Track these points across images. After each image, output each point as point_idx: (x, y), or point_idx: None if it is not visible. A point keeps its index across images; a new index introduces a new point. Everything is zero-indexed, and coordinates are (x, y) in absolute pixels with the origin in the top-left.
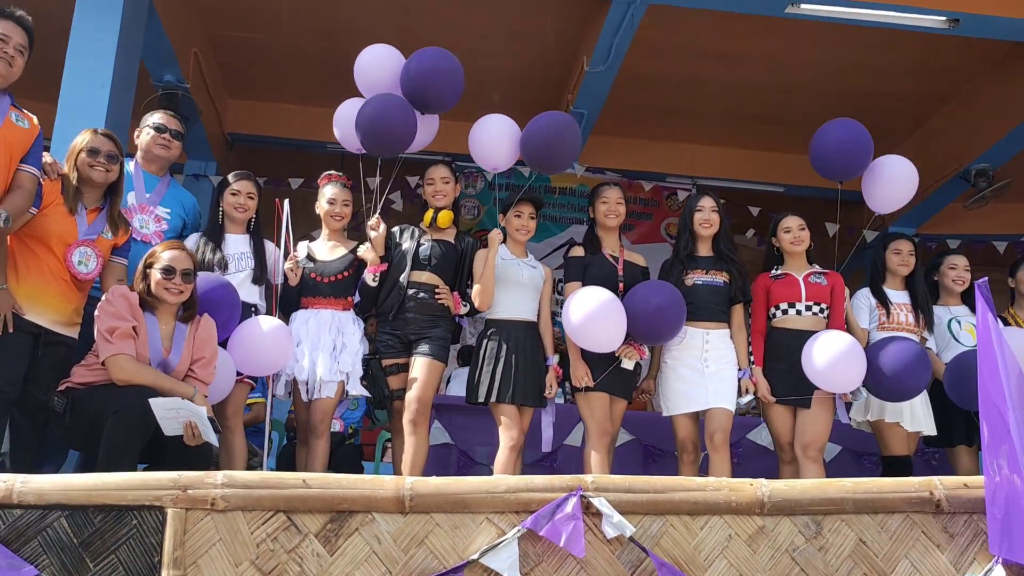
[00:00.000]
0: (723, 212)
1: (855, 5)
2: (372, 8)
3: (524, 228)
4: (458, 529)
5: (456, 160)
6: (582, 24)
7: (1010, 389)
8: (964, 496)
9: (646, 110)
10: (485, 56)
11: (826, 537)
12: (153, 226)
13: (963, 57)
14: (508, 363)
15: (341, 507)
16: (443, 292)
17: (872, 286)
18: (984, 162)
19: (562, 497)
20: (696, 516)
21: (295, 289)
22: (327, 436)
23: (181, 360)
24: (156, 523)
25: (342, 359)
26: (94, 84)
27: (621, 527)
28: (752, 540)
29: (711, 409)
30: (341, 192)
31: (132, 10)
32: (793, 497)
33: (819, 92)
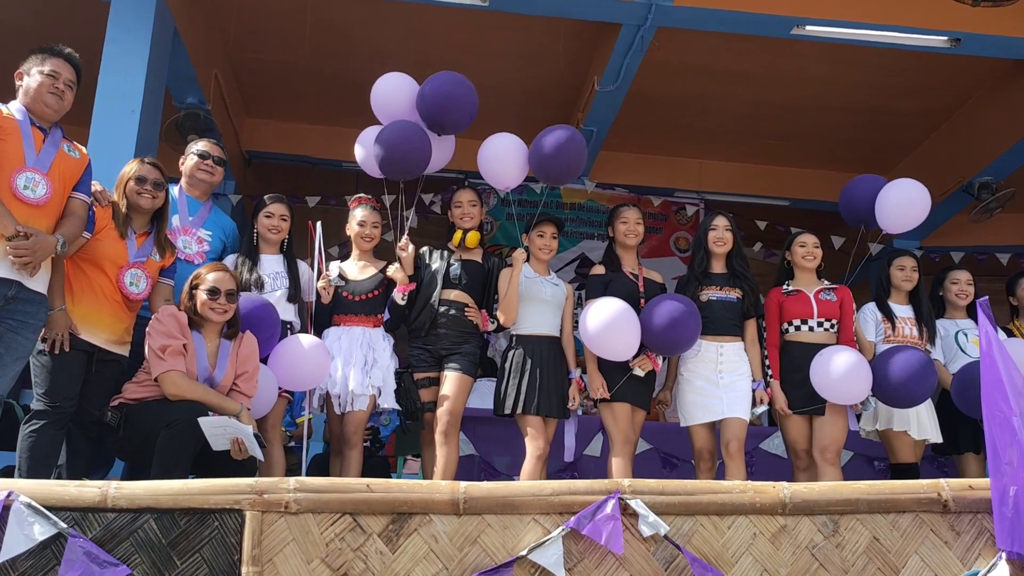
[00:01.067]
0: (736, 231)
1: (858, 26)
2: (387, 30)
3: (547, 247)
4: (507, 529)
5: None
6: (593, 46)
7: (1016, 398)
8: (969, 497)
9: (654, 127)
10: (498, 76)
11: (843, 535)
12: (196, 247)
13: (965, 74)
14: (533, 376)
15: (401, 509)
16: (472, 310)
17: (878, 301)
18: (987, 175)
19: (602, 499)
20: (724, 516)
21: (327, 307)
22: (360, 447)
23: (226, 375)
24: (236, 524)
25: (373, 374)
26: (124, 109)
27: (656, 526)
28: (775, 538)
29: (726, 419)
30: (371, 214)
31: (159, 36)
32: (812, 498)
33: (824, 109)
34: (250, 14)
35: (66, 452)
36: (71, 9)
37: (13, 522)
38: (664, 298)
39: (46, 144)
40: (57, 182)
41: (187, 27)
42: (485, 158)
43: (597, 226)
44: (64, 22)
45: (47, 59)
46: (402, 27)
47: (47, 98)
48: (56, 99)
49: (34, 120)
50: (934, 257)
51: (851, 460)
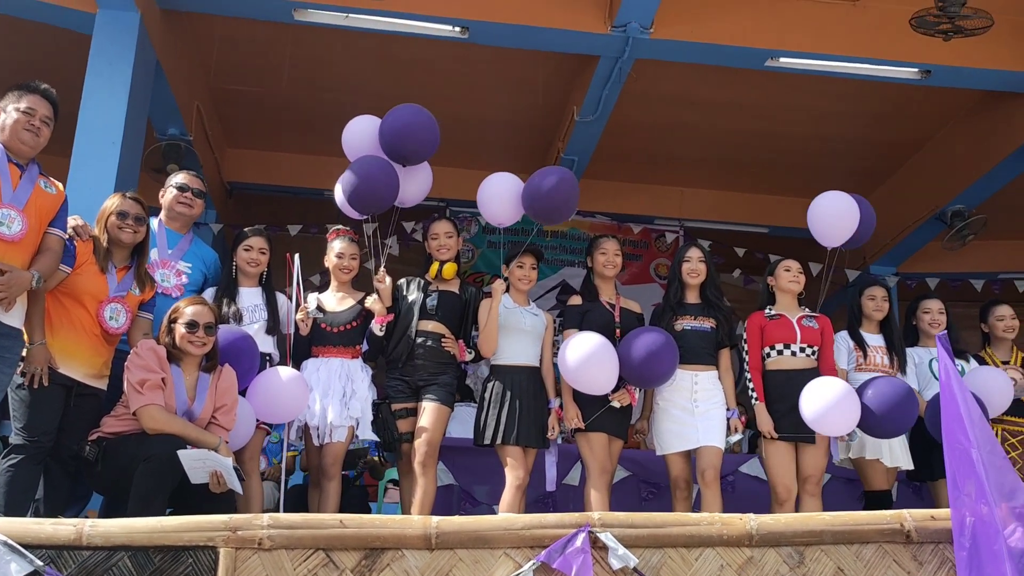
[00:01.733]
0: (710, 261)
1: (831, 58)
2: (366, 62)
3: (526, 278)
4: (479, 563)
5: (451, 206)
6: (572, 77)
7: (973, 430)
8: (931, 527)
9: (634, 156)
10: (479, 107)
11: (808, 566)
12: (174, 280)
13: (937, 104)
14: (512, 407)
15: (374, 544)
16: (449, 340)
17: (850, 329)
18: (960, 203)
19: (572, 532)
20: (692, 548)
21: (306, 338)
22: (339, 478)
23: (204, 408)
24: (210, 561)
25: (352, 405)
26: (105, 141)
27: (625, 559)
28: (742, 569)
29: (701, 447)
30: (349, 246)
31: (141, 68)
32: (778, 530)
33: (800, 138)
34: (231, 46)
35: (44, 486)
36: (53, 41)
37: None
38: (642, 331)
39: (22, 180)
40: (33, 218)
41: (169, 59)
42: (484, 197)
43: (578, 254)
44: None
45: (23, 96)
46: (381, 58)
47: (23, 135)
48: (32, 136)
49: (10, 156)
50: (910, 283)
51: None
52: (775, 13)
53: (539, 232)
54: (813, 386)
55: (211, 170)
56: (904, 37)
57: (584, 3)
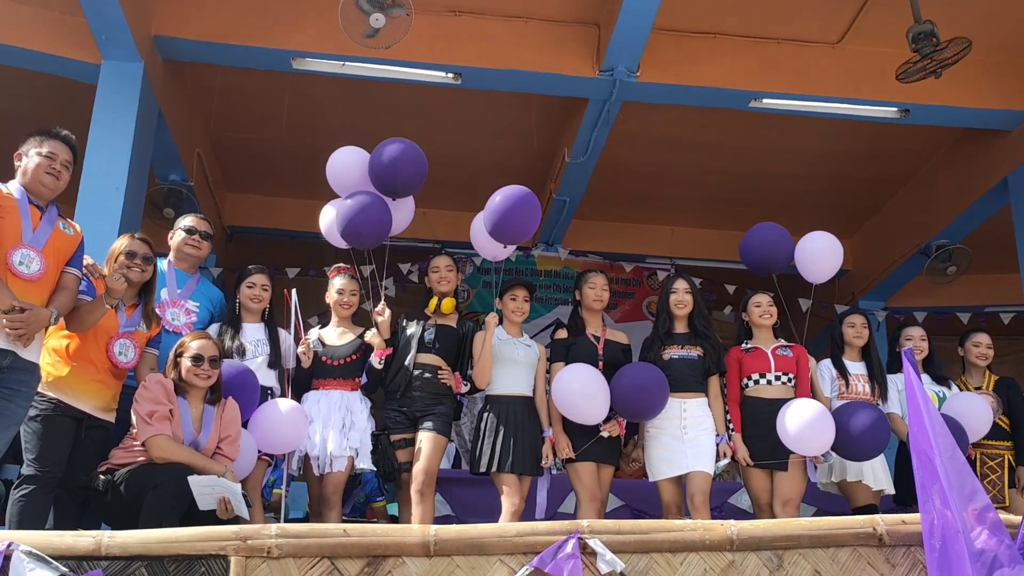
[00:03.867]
0: (697, 292)
1: (812, 99)
2: (362, 108)
3: (519, 310)
4: (475, 569)
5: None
6: (563, 120)
7: (935, 438)
8: (903, 531)
9: (625, 196)
10: (472, 150)
11: (786, 569)
12: (183, 319)
13: (919, 141)
14: (507, 435)
15: (376, 552)
16: (446, 373)
17: (832, 358)
18: (943, 238)
19: (563, 539)
20: (676, 553)
21: (307, 371)
22: (339, 508)
23: (210, 439)
24: (221, 570)
25: (351, 436)
26: (110, 186)
27: (613, 564)
28: (724, 573)
29: (691, 473)
30: (349, 283)
31: (144, 117)
32: (758, 535)
33: (787, 177)
34: (231, 95)
35: (53, 517)
36: (59, 92)
37: (13, 571)
38: (633, 368)
39: (42, 222)
40: (51, 258)
41: (171, 108)
42: (474, 233)
43: (571, 292)
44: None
45: (45, 141)
46: (375, 104)
47: (44, 178)
48: (52, 179)
49: (31, 199)
50: (898, 318)
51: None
52: (758, 55)
53: (532, 272)
54: (790, 407)
55: (211, 215)
56: (883, 77)
57: (573, 48)
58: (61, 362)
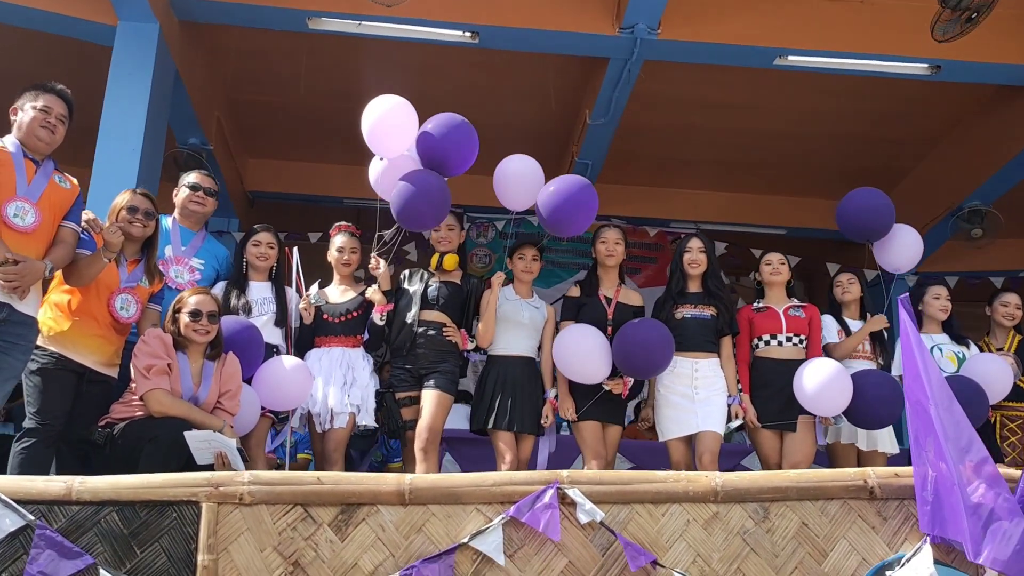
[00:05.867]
0: (712, 252)
1: (839, 55)
2: (385, 71)
3: (528, 270)
4: (451, 518)
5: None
6: (583, 81)
7: (931, 388)
8: (895, 484)
9: (647, 159)
10: (494, 112)
11: (773, 521)
12: (188, 276)
13: (952, 99)
14: (506, 394)
15: (350, 500)
16: (451, 329)
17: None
18: (976, 200)
19: (541, 488)
20: (659, 504)
21: (309, 329)
22: (341, 464)
23: (209, 394)
24: (193, 516)
25: (352, 392)
26: (125, 149)
27: (592, 513)
28: (708, 524)
29: (700, 432)
30: (349, 241)
31: (160, 79)
32: (743, 487)
33: (815, 137)
34: (248, 57)
35: (55, 470)
36: (76, 53)
37: None
38: (637, 324)
39: (37, 175)
40: (47, 211)
41: (188, 71)
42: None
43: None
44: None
45: (40, 95)
46: (399, 67)
47: (39, 132)
48: (48, 132)
49: (27, 152)
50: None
51: None
52: (782, 12)
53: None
54: (808, 367)
55: (233, 179)
56: (913, 33)
57: (592, 5)
58: (63, 316)
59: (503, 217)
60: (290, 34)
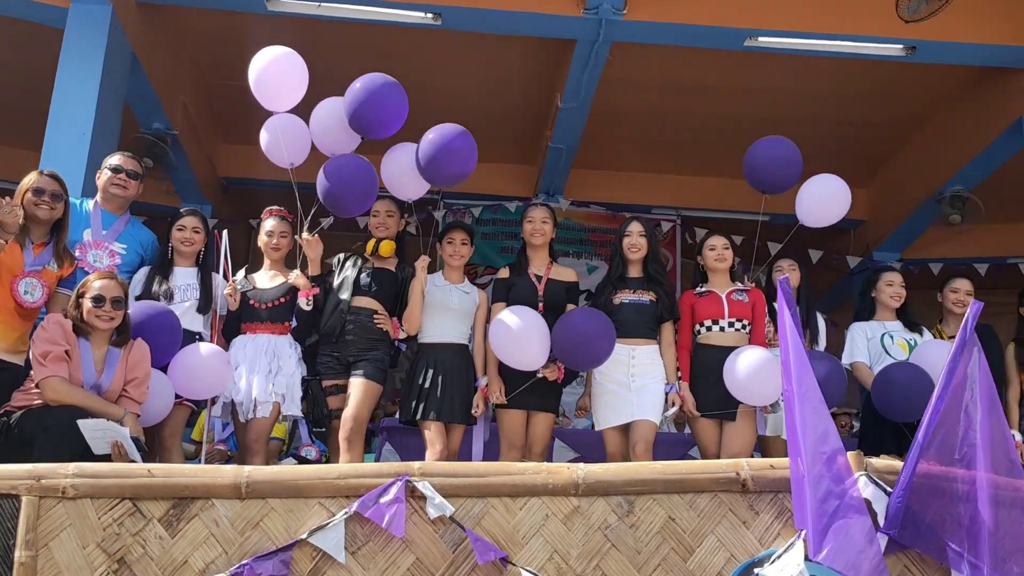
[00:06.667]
0: (652, 236)
1: (810, 36)
2: (354, 54)
3: (457, 254)
4: (292, 513)
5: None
6: (553, 63)
7: (798, 375)
8: (769, 476)
9: (626, 144)
10: (466, 96)
11: (637, 515)
12: (107, 260)
13: (933, 82)
14: (435, 383)
15: (183, 494)
16: (382, 317)
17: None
18: (958, 184)
19: (389, 482)
20: (516, 498)
21: (236, 316)
22: (262, 455)
23: (114, 381)
24: (12, 510)
25: (277, 381)
26: (74, 132)
27: (442, 508)
28: (568, 519)
29: (635, 421)
30: (279, 224)
31: (114, 63)
32: (607, 479)
33: (796, 121)
34: (210, 40)
35: None
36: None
37: None
38: (575, 314)
39: None
40: None
41: (147, 54)
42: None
43: (573, 243)
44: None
45: None
46: (368, 50)
47: None
48: None
49: None
50: (912, 269)
51: None
52: None
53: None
54: (739, 355)
55: (203, 166)
56: (887, 13)
57: None
58: None
59: (479, 204)
60: (252, 16)
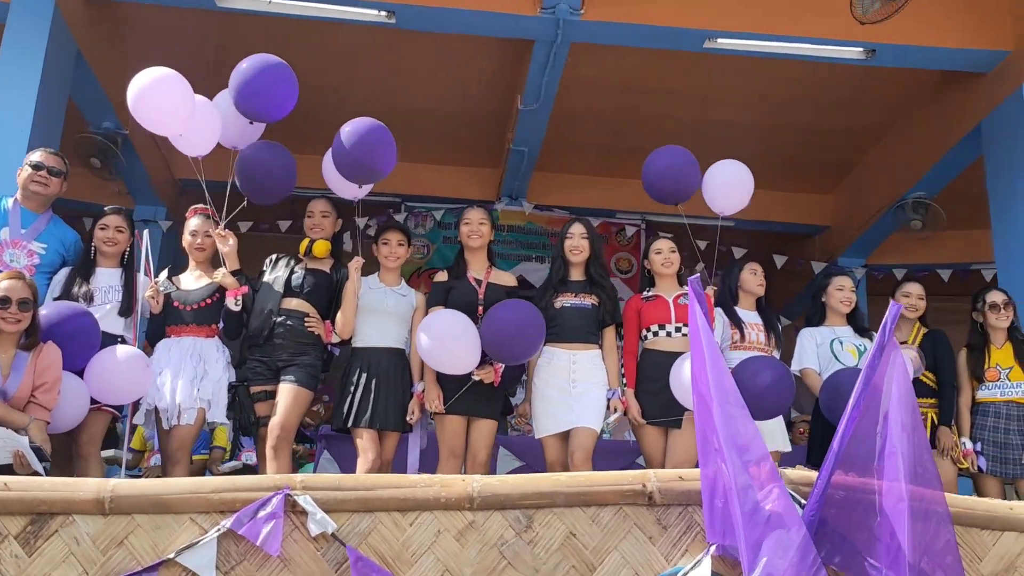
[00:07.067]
0: (596, 238)
1: (771, 39)
2: (312, 55)
3: (392, 255)
4: (160, 529)
5: (406, 201)
6: (513, 64)
7: (715, 381)
8: (678, 488)
9: (590, 147)
10: (427, 98)
11: (536, 531)
12: (25, 260)
13: (897, 87)
14: (367, 389)
15: (41, 509)
16: (313, 320)
17: (723, 306)
18: (920, 190)
19: (266, 496)
20: (406, 512)
21: (160, 319)
22: (184, 464)
23: (21, 386)
24: None
25: (203, 386)
26: (13, 129)
27: (324, 524)
28: (461, 535)
29: (574, 428)
30: (203, 224)
31: (56, 60)
32: (504, 492)
33: (762, 128)
34: (159, 37)
35: None
36: None
37: None
38: (503, 305)
39: None
40: None
41: (94, 51)
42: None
43: (536, 248)
44: None
45: None
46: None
47: None
48: None
49: None
50: (877, 275)
51: None
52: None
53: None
54: (683, 361)
55: (158, 166)
56: (847, 16)
57: None
58: None
59: (441, 207)
60: (203, 14)
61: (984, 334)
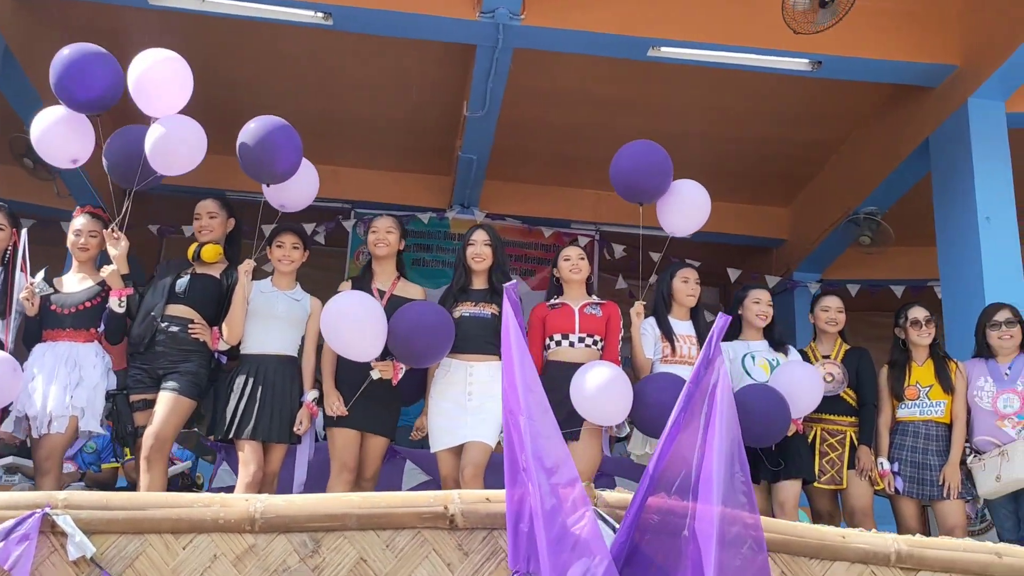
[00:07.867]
0: (499, 246)
1: (716, 48)
2: (258, 59)
3: (286, 258)
4: None
5: (356, 207)
6: (459, 70)
7: (525, 396)
8: (482, 511)
9: (542, 156)
10: (374, 104)
11: (323, 556)
12: None
13: (848, 101)
14: (252, 398)
15: None
16: (198, 326)
17: (657, 315)
18: (872, 205)
19: (22, 516)
20: (180, 535)
21: (36, 322)
22: (54, 474)
23: None
24: None
25: (77, 393)
26: None
27: (83, 547)
28: (240, 560)
29: (467, 443)
30: (88, 223)
31: None
32: (290, 513)
33: (716, 139)
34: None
35: None
36: None
37: None
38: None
39: None
40: None
41: (24, 49)
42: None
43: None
44: None
45: None
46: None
47: None
48: None
49: None
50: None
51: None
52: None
53: (446, 235)
54: (585, 371)
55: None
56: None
57: None
58: None
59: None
60: (140, 12)
61: (906, 351)
